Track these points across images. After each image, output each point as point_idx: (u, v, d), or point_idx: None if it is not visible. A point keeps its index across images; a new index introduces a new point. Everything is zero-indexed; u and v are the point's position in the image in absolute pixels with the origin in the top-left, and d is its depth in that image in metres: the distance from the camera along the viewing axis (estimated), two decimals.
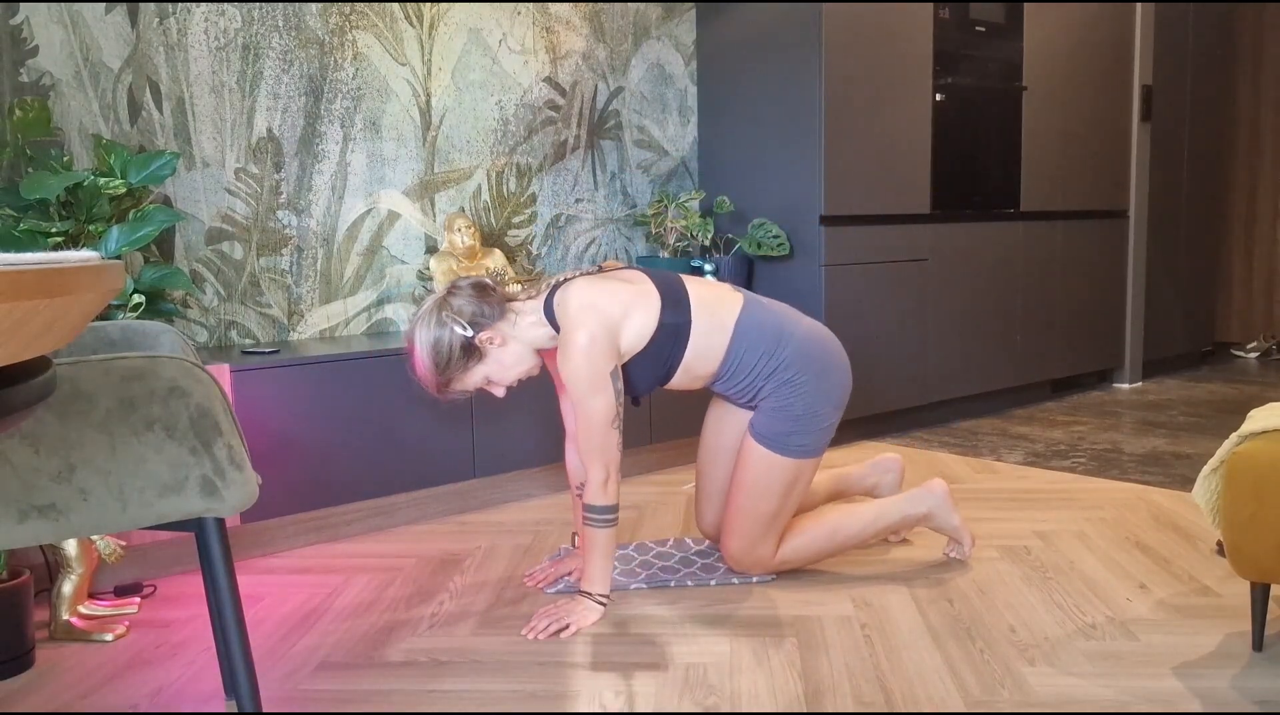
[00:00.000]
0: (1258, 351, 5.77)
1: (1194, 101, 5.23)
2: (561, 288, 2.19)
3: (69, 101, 2.66)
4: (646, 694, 1.83)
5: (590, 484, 2.14)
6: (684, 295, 2.22)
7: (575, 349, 2.09)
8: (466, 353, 2.13)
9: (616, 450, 2.14)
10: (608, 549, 2.17)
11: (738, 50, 3.83)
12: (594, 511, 2.13)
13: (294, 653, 2.04)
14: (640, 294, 2.18)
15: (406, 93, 3.25)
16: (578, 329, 2.10)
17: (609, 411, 2.11)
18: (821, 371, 2.25)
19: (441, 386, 2.16)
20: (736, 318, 2.24)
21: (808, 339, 2.26)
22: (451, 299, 2.15)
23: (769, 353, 2.22)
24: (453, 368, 2.14)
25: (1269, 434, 1.87)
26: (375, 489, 2.78)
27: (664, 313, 2.18)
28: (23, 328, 0.75)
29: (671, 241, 3.77)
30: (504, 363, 2.18)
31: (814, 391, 2.23)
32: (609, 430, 2.12)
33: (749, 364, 2.23)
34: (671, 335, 2.19)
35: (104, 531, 1.33)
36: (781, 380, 2.23)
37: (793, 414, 2.23)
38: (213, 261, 2.92)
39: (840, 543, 2.37)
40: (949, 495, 2.43)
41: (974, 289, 4.14)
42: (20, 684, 1.93)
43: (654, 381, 2.25)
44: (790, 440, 2.24)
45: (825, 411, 2.26)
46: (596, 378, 2.10)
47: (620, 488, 2.17)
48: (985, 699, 1.78)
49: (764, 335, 2.23)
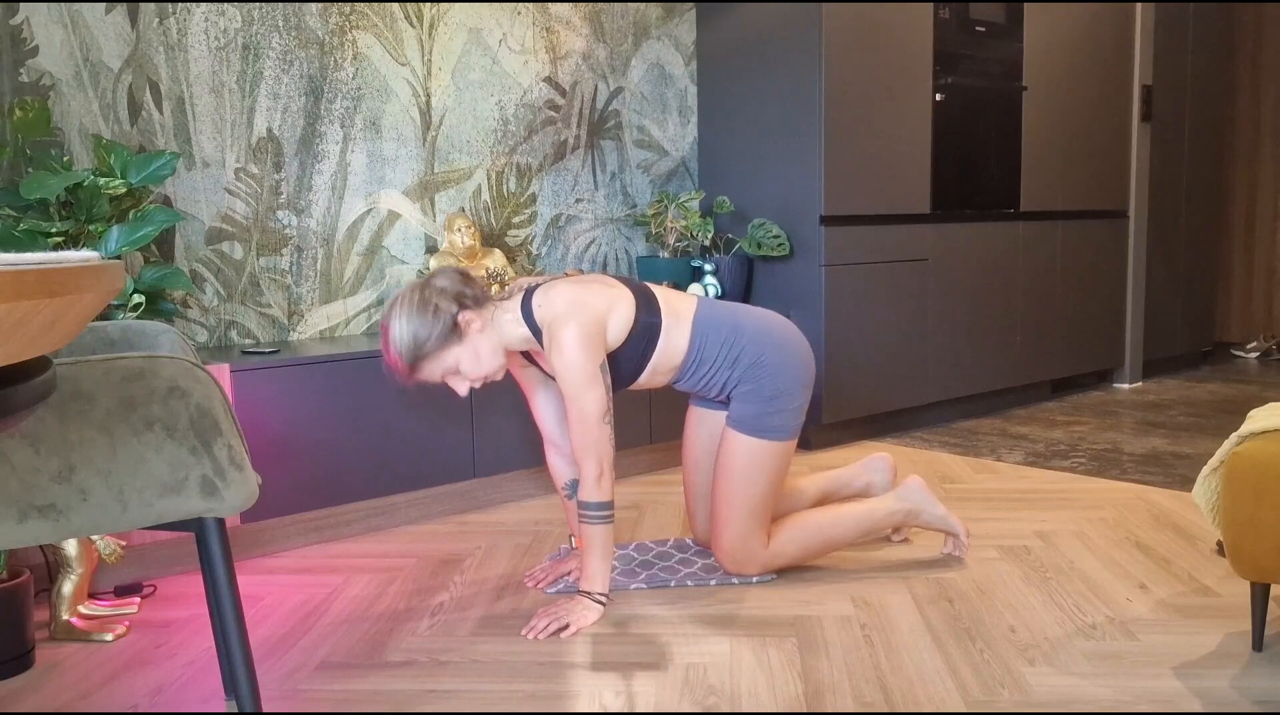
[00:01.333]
0: (1258, 351, 5.77)
1: (1194, 101, 5.23)
2: (540, 289, 2.19)
3: (69, 101, 2.66)
4: (646, 694, 1.83)
5: (584, 481, 2.15)
6: (654, 297, 2.30)
7: (568, 342, 2.10)
8: (447, 332, 2.09)
9: (609, 445, 2.15)
10: (606, 547, 2.17)
11: (738, 50, 3.83)
12: (589, 508, 2.14)
13: (294, 653, 2.04)
14: (618, 294, 2.23)
15: (406, 93, 3.25)
16: (569, 323, 2.11)
17: (601, 406, 2.13)
18: (781, 350, 2.31)
19: (412, 368, 2.11)
20: (694, 313, 2.32)
21: (762, 323, 2.34)
22: (435, 280, 2.13)
23: (727, 342, 2.30)
24: (430, 345, 2.08)
25: (1269, 434, 1.87)
26: (375, 489, 2.78)
27: (639, 311, 2.24)
28: (23, 327, 0.75)
29: (671, 241, 3.77)
30: (479, 352, 2.14)
31: (779, 369, 2.30)
32: (601, 425, 2.14)
33: (710, 356, 2.30)
34: (645, 333, 2.26)
35: (104, 531, 1.33)
36: (746, 365, 2.29)
37: (763, 396, 2.29)
38: (213, 261, 2.92)
39: (830, 540, 2.40)
40: (926, 487, 2.49)
41: (974, 289, 4.14)
42: (20, 684, 1.93)
43: (627, 379, 2.31)
44: (764, 421, 2.29)
45: (794, 390, 2.31)
46: (589, 371, 2.12)
47: (614, 484, 2.16)
48: (985, 699, 1.78)
49: (720, 326, 2.31)
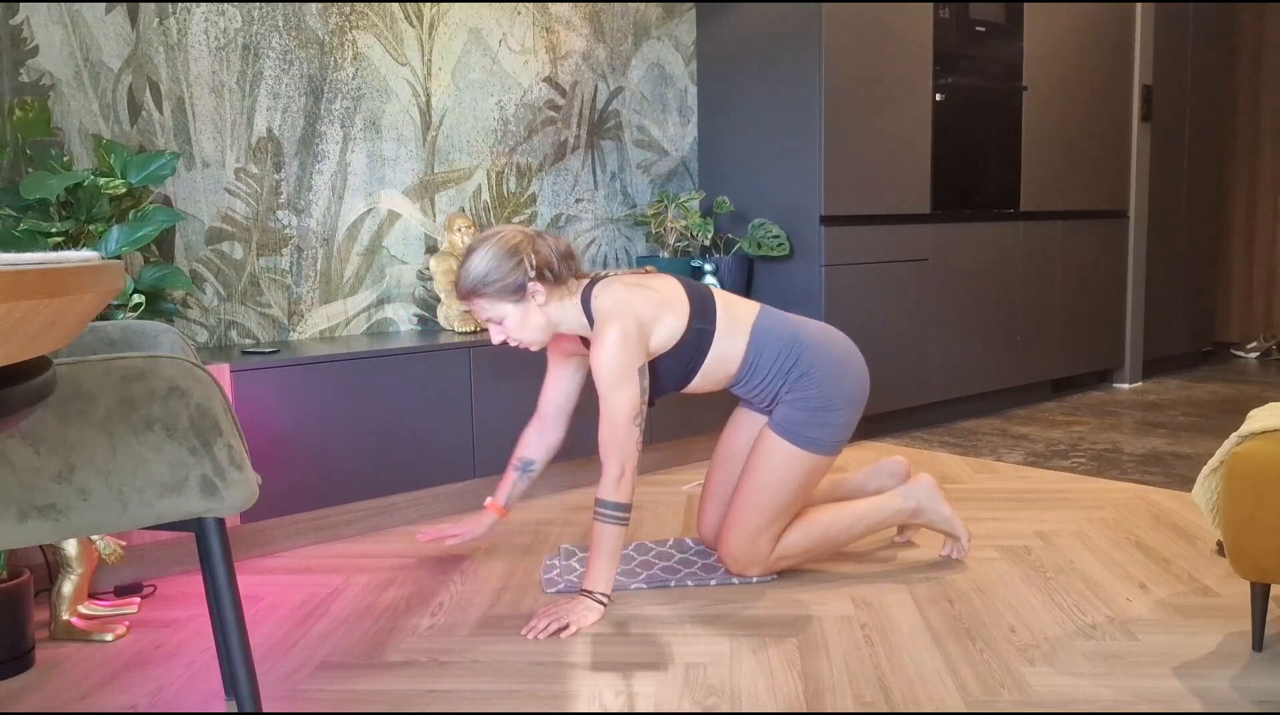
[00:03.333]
0: (1258, 351, 5.77)
1: (1194, 101, 5.23)
2: (601, 283, 2.26)
3: (69, 101, 2.66)
4: (646, 694, 1.83)
5: (605, 479, 2.16)
6: (712, 305, 2.32)
7: (609, 341, 2.15)
8: (511, 289, 2.19)
9: (635, 447, 2.17)
10: (614, 548, 2.18)
11: (738, 50, 3.83)
12: (606, 507, 2.16)
13: (294, 653, 2.04)
14: (673, 299, 2.27)
15: (406, 93, 3.25)
16: (612, 323, 2.17)
17: (633, 407, 2.15)
18: (836, 366, 2.31)
19: (469, 294, 2.21)
20: (753, 322, 2.33)
21: (821, 338, 2.35)
22: (539, 242, 2.23)
23: (784, 352, 2.30)
24: (491, 290, 2.19)
25: (1269, 434, 1.87)
26: (375, 489, 2.78)
27: (693, 318, 2.27)
28: (23, 327, 0.75)
29: (671, 241, 3.77)
30: (529, 320, 2.23)
31: (829, 384, 2.30)
32: (630, 426, 2.15)
33: (766, 364, 2.31)
34: (696, 339, 2.28)
35: (104, 531, 1.33)
36: (798, 374, 2.30)
37: (810, 406, 2.29)
38: (213, 261, 2.92)
39: (833, 538, 2.38)
40: (936, 487, 2.47)
41: (974, 289, 4.14)
42: (20, 684, 1.93)
43: (675, 384, 2.33)
44: (805, 431, 2.29)
45: (841, 406, 2.30)
46: (624, 371, 2.15)
47: (633, 487, 2.18)
48: (985, 699, 1.78)
49: (779, 336, 2.32)
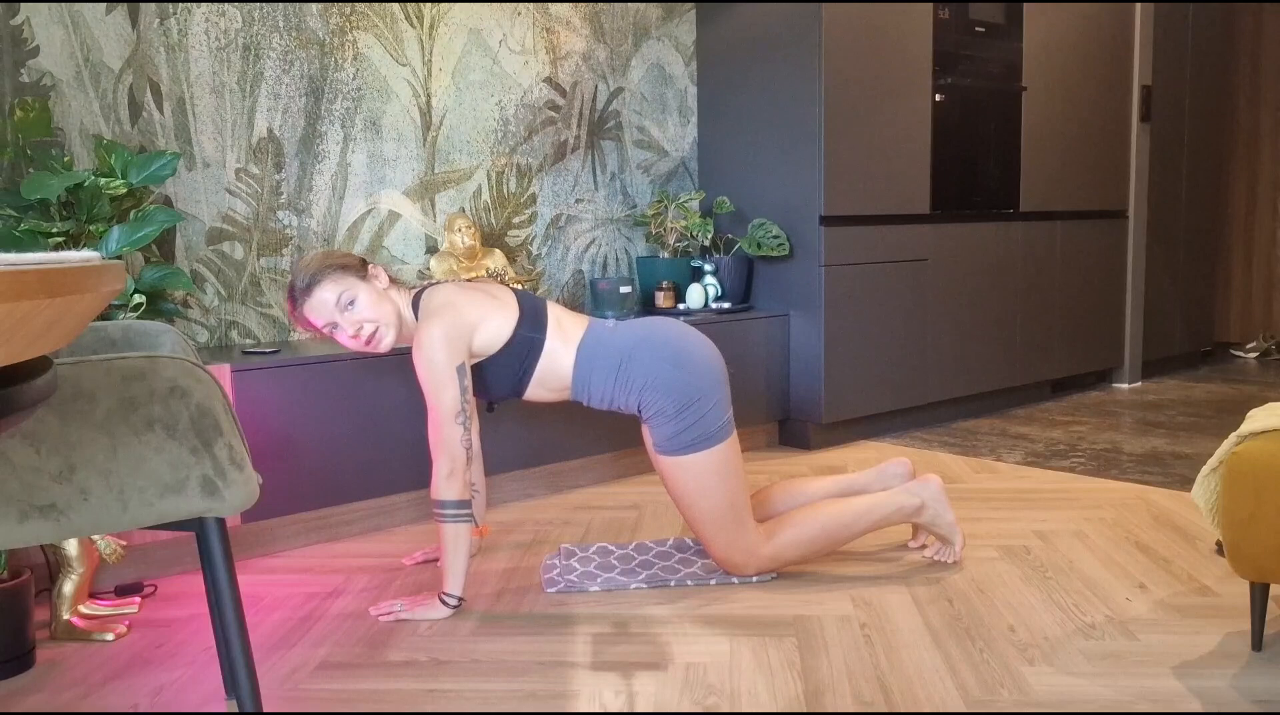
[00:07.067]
0: (1257, 351, 5.77)
1: (1194, 101, 5.23)
2: (433, 287, 2.35)
3: (69, 102, 2.67)
4: (646, 694, 1.83)
5: (435, 477, 2.20)
6: (543, 316, 2.36)
7: (427, 339, 2.21)
8: (355, 268, 2.28)
9: (460, 445, 2.20)
10: (460, 547, 2.21)
11: (738, 50, 3.83)
12: (443, 507, 2.20)
13: (294, 653, 2.04)
14: (501, 306, 2.32)
15: (407, 93, 3.25)
16: (433, 320, 2.23)
17: (454, 405, 2.20)
18: (673, 364, 2.29)
19: (310, 285, 2.24)
20: (580, 339, 2.36)
21: (649, 340, 2.33)
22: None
23: (613, 368, 2.32)
24: (333, 269, 2.25)
25: (1268, 434, 1.87)
26: (375, 489, 2.78)
27: (520, 326, 2.32)
28: (24, 327, 0.75)
29: (671, 241, 3.77)
30: (376, 302, 2.28)
31: (676, 382, 2.28)
32: (453, 424, 2.19)
33: (600, 380, 2.33)
34: (525, 347, 2.32)
35: (104, 531, 1.33)
36: (640, 387, 2.30)
37: (669, 414, 2.28)
38: (213, 261, 2.92)
39: (833, 535, 2.37)
40: (944, 491, 2.45)
41: (973, 289, 4.14)
42: (20, 684, 1.93)
43: (509, 389, 2.37)
44: (683, 438, 2.27)
45: (698, 396, 2.28)
46: (443, 370, 2.20)
47: (466, 484, 2.20)
48: (985, 699, 1.78)
49: (607, 351, 2.33)
